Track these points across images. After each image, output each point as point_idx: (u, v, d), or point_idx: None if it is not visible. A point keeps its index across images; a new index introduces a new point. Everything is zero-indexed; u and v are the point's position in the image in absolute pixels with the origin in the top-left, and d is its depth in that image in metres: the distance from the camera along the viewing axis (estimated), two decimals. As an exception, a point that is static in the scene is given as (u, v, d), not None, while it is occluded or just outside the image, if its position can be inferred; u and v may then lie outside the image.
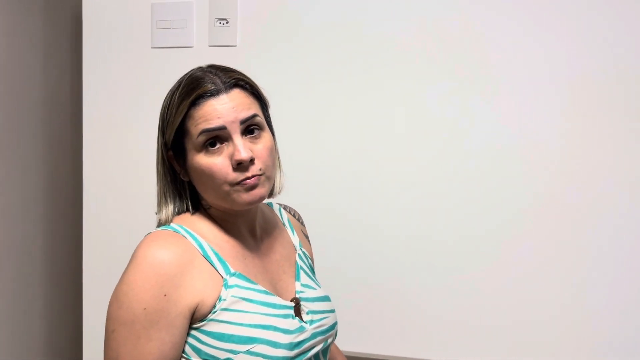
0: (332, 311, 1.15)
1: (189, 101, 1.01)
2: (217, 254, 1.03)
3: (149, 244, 0.98)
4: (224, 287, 1.00)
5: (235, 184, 1.01)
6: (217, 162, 1.01)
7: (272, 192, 1.12)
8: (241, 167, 1.01)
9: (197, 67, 1.08)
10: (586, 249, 1.49)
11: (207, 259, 1.01)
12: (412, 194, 1.59)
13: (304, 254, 1.20)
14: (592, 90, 1.47)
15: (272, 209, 1.24)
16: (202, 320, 0.98)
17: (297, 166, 1.64)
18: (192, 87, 1.02)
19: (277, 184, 1.12)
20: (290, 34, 1.65)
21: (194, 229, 1.04)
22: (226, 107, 1.01)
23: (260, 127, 1.05)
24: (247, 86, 1.06)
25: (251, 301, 1.01)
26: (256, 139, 1.04)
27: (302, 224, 1.30)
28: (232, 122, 1.01)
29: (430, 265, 1.58)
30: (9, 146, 1.90)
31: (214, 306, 0.98)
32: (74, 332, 2.08)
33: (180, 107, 1.02)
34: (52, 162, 2.08)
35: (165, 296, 0.95)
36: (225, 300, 0.99)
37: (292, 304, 1.07)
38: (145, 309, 0.94)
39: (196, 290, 0.98)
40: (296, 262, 1.16)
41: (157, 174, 1.08)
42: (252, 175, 1.01)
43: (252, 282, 1.03)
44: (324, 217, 1.63)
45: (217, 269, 1.01)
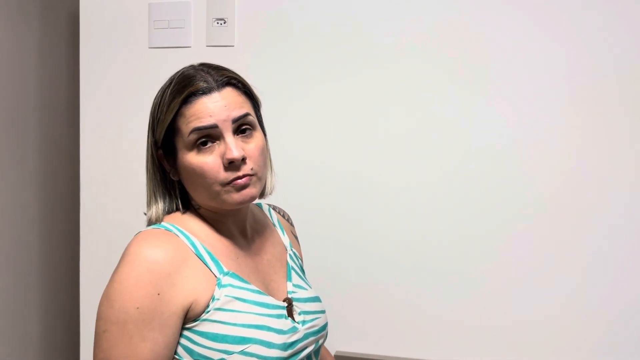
0: (322, 312, 1.14)
1: (180, 99, 1.00)
2: (209, 253, 1.02)
3: (141, 243, 0.97)
4: (217, 287, 0.99)
5: (226, 184, 1.00)
6: (209, 161, 1.00)
7: (263, 193, 1.10)
8: (233, 167, 1.00)
9: (189, 65, 1.07)
10: (586, 249, 1.48)
11: (200, 257, 1.00)
12: (411, 194, 1.58)
13: (295, 254, 1.19)
14: (592, 90, 1.47)
15: (262, 210, 1.23)
16: (195, 320, 0.97)
17: (296, 166, 1.64)
18: (183, 85, 1.01)
19: (269, 184, 1.11)
20: (288, 34, 1.65)
21: (186, 227, 1.03)
22: (218, 106, 1.00)
23: (252, 127, 1.04)
24: (239, 85, 1.05)
25: (245, 301, 1.00)
26: (248, 138, 1.03)
27: (291, 224, 1.29)
28: (224, 120, 1.00)
29: (430, 265, 1.57)
30: (5, 147, 1.89)
31: (208, 306, 0.97)
32: (71, 333, 2.08)
33: (171, 105, 1.01)
34: (48, 163, 2.07)
35: (158, 295, 0.93)
36: (218, 299, 0.98)
37: (285, 304, 1.06)
38: (138, 308, 0.92)
39: (190, 289, 0.96)
40: (287, 263, 1.16)
41: (147, 173, 1.07)
42: (243, 174, 1.00)
43: (246, 282, 1.02)
44: (324, 217, 1.63)
45: (210, 268, 1.00)
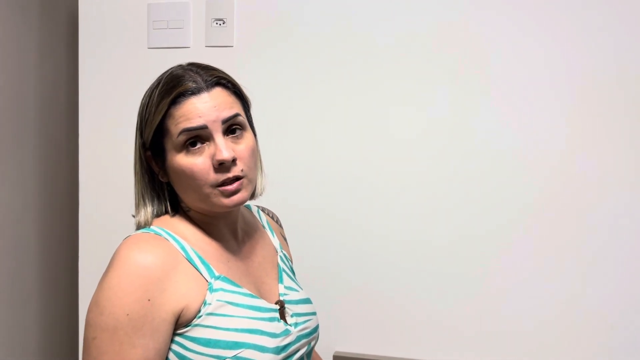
0: (314, 313, 1.13)
1: (169, 99, 0.99)
2: (200, 257, 1.00)
3: (131, 247, 0.95)
4: (208, 291, 0.97)
5: (216, 186, 0.99)
6: (198, 163, 0.98)
7: (253, 194, 1.08)
8: (223, 168, 0.98)
9: (177, 65, 1.05)
10: (586, 250, 1.48)
11: (190, 262, 0.99)
12: (411, 195, 1.58)
13: (285, 255, 1.18)
14: (592, 90, 1.47)
15: (251, 212, 1.21)
16: (187, 325, 0.95)
17: (296, 167, 1.65)
18: (172, 85, 1.00)
19: (259, 185, 1.09)
20: (287, 34, 1.64)
21: (176, 231, 1.02)
22: (207, 106, 0.98)
23: (242, 127, 1.02)
24: (229, 85, 1.03)
25: (237, 305, 0.99)
26: (238, 139, 1.01)
27: (280, 225, 1.28)
28: (214, 121, 0.98)
29: (430, 265, 1.57)
30: (4, 147, 1.88)
31: (199, 311, 0.96)
32: (70, 334, 2.08)
33: (159, 105, 0.99)
34: (47, 163, 2.07)
35: (149, 301, 0.92)
36: (210, 304, 0.96)
37: (277, 307, 1.05)
38: (128, 315, 0.91)
39: (181, 294, 0.95)
40: (278, 265, 1.14)
41: (135, 175, 1.05)
42: (233, 176, 0.99)
43: (237, 286, 1.01)
44: (323, 218, 1.63)
45: (201, 272, 0.99)
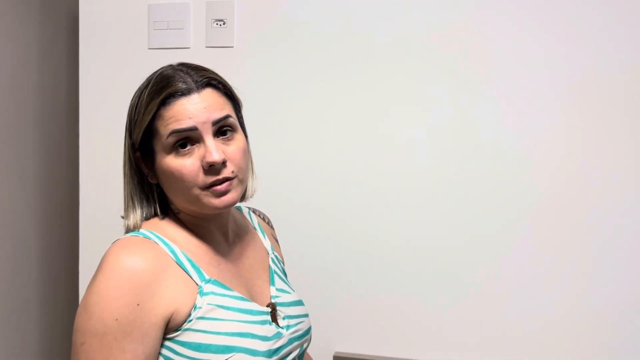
0: (306, 315, 1.12)
1: (158, 100, 0.98)
2: (190, 261, 0.99)
3: (120, 251, 0.94)
4: (199, 295, 0.96)
5: (205, 188, 0.98)
6: (187, 164, 0.97)
7: (244, 196, 1.07)
8: (212, 170, 0.97)
9: (168, 65, 1.04)
10: (587, 250, 1.48)
11: (180, 265, 0.97)
12: (411, 195, 1.58)
13: (277, 257, 1.17)
14: (593, 91, 1.47)
15: (242, 213, 1.20)
16: (177, 330, 0.94)
17: (296, 167, 1.65)
18: (162, 86, 0.99)
19: (250, 187, 1.08)
20: (287, 34, 1.64)
21: (165, 234, 1.00)
22: (197, 107, 0.97)
23: (233, 129, 1.01)
24: (219, 86, 1.02)
25: (228, 308, 0.98)
26: (228, 140, 1.00)
27: (271, 227, 1.27)
28: (204, 122, 0.97)
29: (430, 266, 1.57)
30: (4, 147, 1.89)
31: (189, 315, 0.95)
32: (70, 335, 2.07)
33: (149, 106, 0.98)
34: (48, 164, 2.07)
35: (138, 306, 0.91)
36: (200, 308, 0.95)
37: (269, 310, 1.04)
38: (117, 320, 0.90)
39: (170, 298, 0.94)
40: (270, 267, 1.13)
41: (124, 176, 1.05)
42: (223, 177, 0.98)
43: (228, 289, 1.00)
44: (323, 218, 1.63)
45: (191, 276, 0.97)
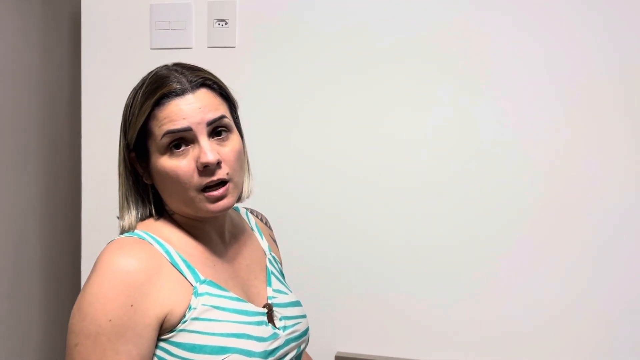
0: (303, 316, 1.12)
1: (152, 100, 0.97)
2: (185, 261, 0.99)
3: (114, 252, 0.94)
4: (193, 296, 0.96)
5: (200, 190, 0.97)
6: (182, 165, 0.97)
7: (240, 197, 1.06)
8: (207, 171, 0.97)
9: (163, 65, 1.03)
10: (587, 250, 1.48)
11: (175, 266, 0.97)
12: (412, 195, 1.58)
13: (274, 258, 1.17)
14: (593, 91, 1.47)
15: (239, 214, 1.20)
16: (172, 331, 0.94)
17: (297, 167, 1.65)
18: (156, 86, 0.98)
19: (246, 188, 1.07)
20: (289, 35, 1.64)
21: (160, 235, 1.00)
22: (192, 108, 0.97)
23: (228, 129, 1.00)
24: (214, 86, 1.01)
25: (223, 309, 0.97)
26: (223, 141, 1.00)
27: (269, 228, 1.26)
28: (199, 123, 0.97)
29: (431, 266, 1.57)
30: (7, 147, 1.89)
31: (184, 316, 0.94)
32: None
33: (143, 106, 0.98)
34: (50, 163, 2.08)
35: (132, 307, 0.90)
36: (195, 309, 0.95)
37: (265, 310, 1.03)
38: (111, 321, 0.89)
39: (164, 299, 0.93)
40: (267, 267, 1.13)
41: (119, 176, 1.04)
42: (218, 179, 0.97)
43: (224, 289, 1.00)
44: (324, 218, 1.63)
45: (186, 276, 0.97)
